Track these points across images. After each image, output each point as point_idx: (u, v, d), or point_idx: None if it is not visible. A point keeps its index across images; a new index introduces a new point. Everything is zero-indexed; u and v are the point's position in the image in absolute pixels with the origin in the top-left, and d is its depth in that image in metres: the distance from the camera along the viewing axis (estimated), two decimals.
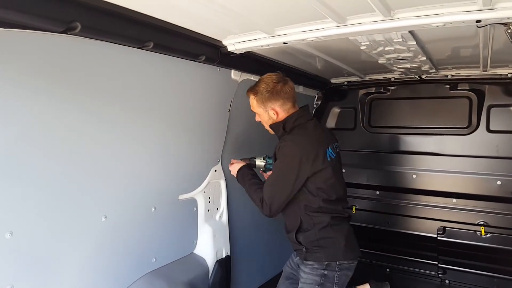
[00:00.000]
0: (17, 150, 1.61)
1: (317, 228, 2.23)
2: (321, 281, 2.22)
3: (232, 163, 2.55)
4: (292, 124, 2.29)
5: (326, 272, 2.22)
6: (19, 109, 1.58)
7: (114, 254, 2.18)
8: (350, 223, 2.42)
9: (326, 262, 2.22)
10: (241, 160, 2.57)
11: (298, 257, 2.41)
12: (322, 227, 2.22)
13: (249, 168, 2.47)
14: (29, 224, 1.72)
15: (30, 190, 1.70)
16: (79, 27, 1.48)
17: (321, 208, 2.22)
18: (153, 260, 2.47)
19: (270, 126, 2.38)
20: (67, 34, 1.51)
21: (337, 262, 2.23)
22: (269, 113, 2.32)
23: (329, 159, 2.22)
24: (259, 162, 2.58)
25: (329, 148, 2.26)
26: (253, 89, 2.32)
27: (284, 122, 2.31)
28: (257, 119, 2.42)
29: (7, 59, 1.48)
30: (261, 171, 2.60)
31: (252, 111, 2.41)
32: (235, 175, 2.48)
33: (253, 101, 2.34)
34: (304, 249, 2.29)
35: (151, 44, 1.83)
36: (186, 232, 2.79)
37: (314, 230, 2.23)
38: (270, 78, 2.29)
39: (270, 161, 2.52)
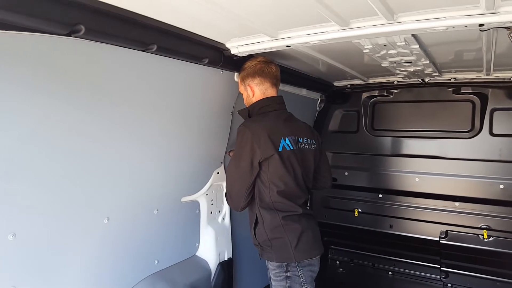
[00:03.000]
0: (20, 152, 1.62)
1: (268, 228, 2.22)
2: (288, 285, 2.20)
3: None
4: (256, 112, 2.32)
5: (288, 274, 2.20)
6: (23, 111, 1.59)
7: (116, 256, 2.19)
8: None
9: (285, 263, 2.20)
10: (229, 152, 2.69)
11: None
12: (274, 227, 2.21)
13: None
14: (32, 225, 1.72)
15: (33, 192, 1.70)
16: (83, 30, 1.49)
17: (273, 203, 2.20)
18: (156, 262, 2.48)
19: (238, 112, 2.44)
20: (71, 36, 1.52)
21: (296, 262, 2.20)
22: (247, 90, 2.38)
23: (280, 149, 2.19)
24: None
25: (287, 139, 2.23)
26: (241, 67, 2.42)
27: (250, 108, 2.35)
28: (244, 98, 2.47)
29: (12, 61, 1.49)
30: None
31: None
32: None
33: (238, 79, 2.43)
34: (259, 246, 2.31)
35: (155, 47, 1.84)
36: (188, 235, 2.80)
37: (266, 229, 2.23)
38: (256, 58, 2.39)
39: None
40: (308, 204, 4.09)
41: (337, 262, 4.37)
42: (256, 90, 2.36)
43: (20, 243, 1.67)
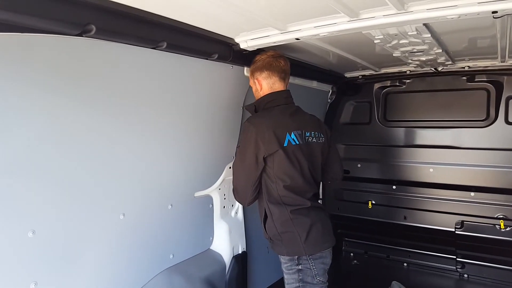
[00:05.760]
0: (37, 151, 1.66)
1: (278, 222, 2.22)
2: (300, 277, 2.21)
3: None
4: (262, 107, 2.32)
5: (300, 267, 2.21)
6: (38, 111, 1.62)
7: (132, 250, 2.23)
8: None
9: (296, 256, 2.20)
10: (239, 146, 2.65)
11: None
12: (283, 221, 2.21)
13: None
14: (50, 222, 1.77)
15: (51, 189, 1.74)
16: (94, 29, 1.50)
17: (281, 198, 2.20)
18: (171, 256, 2.51)
19: (245, 107, 2.46)
20: (82, 36, 1.54)
21: (308, 255, 2.20)
22: (255, 84, 2.38)
23: (286, 144, 2.18)
24: None
25: (292, 134, 2.22)
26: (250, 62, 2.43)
27: (256, 104, 2.36)
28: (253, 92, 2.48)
29: (25, 63, 1.52)
30: None
31: None
32: None
33: (249, 73, 2.44)
34: (270, 240, 2.32)
35: (165, 44, 1.85)
36: (202, 229, 2.83)
37: (275, 223, 2.23)
38: (266, 52, 2.38)
39: None
40: (321, 197, 4.09)
41: (351, 254, 4.37)
42: (263, 84, 2.35)
43: (40, 240, 1.72)
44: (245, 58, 2.42)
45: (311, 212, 2.26)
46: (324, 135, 2.43)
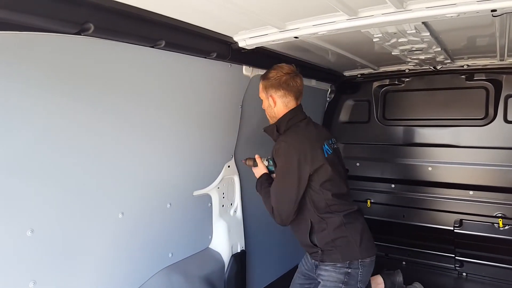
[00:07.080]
0: (36, 150, 1.65)
1: (331, 229, 2.20)
2: (345, 279, 2.19)
3: (255, 166, 2.51)
4: (285, 126, 2.29)
5: (349, 271, 2.19)
6: (37, 110, 1.62)
7: (131, 249, 2.23)
8: (366, 216, 2.39)
9: (348, 261, 2.19)
10: (245, 160, 2.60)
11: (313, 260, 2.38)
12: (336, 227, 2.20)
13: (268, 176, 2.45)
14: (49, 221, 1.76)
15: (49, 188, 1.74)
16: (92, 28, 1.50)
17: (329, 207, 2.20)
18: (170, 255, 2.51)
19: (264, 129, 2.42)
20: (80, 35, 1.53)
21: (360, 260, 2.20)
22: (269, 100, 2.34)
23: (326, 155, 2.20)
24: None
25: (325, 145, 2.25)
26: (264, 74, 2.38)
27: (277, 124, 2.32)
28: (263, 106, 2.43)
29: (24, 62, 1.52)
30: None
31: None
32: (258, 178, 2.49)
33: (260, 85, 2.39)
34: (320, 251, 2.25)
35: (163, 43, 1.84)
36: (201, 227, 2.83)
37: (328, 231, 2.20)
38: (281, 68, 2.33)
39: (271, 162, 2.41)
40: None
41: None
42: (278, 102, 2.31)
43: (39, 239, 1.72)
44: (243, 56, 2.42)
45: (360, 217, 2.31)
46: (335, 139, 2.48)
